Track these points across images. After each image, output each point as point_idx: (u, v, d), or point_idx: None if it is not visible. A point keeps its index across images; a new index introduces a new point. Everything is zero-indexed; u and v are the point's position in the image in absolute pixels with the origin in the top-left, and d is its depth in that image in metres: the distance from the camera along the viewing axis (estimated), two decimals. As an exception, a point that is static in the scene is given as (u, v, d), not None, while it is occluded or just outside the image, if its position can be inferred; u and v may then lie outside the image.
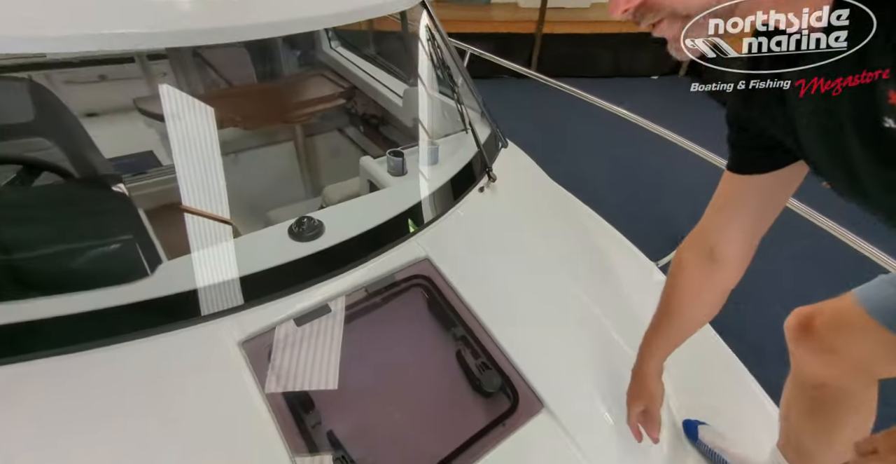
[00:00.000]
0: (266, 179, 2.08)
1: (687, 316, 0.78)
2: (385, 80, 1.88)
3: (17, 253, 0.88)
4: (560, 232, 1.29)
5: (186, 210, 1.11)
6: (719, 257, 0.70)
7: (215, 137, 1.31)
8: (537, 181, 1.48)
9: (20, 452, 0.69)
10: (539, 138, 3.54)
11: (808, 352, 0.77)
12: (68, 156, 1.51)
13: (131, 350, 0.81)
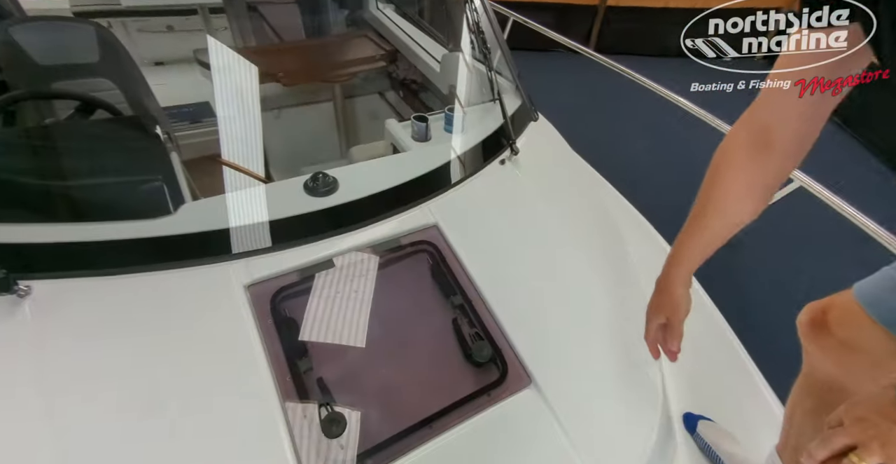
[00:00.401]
0: (303, 137, 2.14)
1: (728, 212, 0.68)
2: (426, 44, 1.85)
3: (60, 180, 0.97)
4: (578, 212, 1.25)
5: (221, 160, 1.17)
6: (774, 141, 0.61)
7: (257, 91, 1.35)
8: (563, 158, 1.43)
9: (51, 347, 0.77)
10: (583, 118, 3.38)
11: (820, 349, 0.72)
12: (126, 98, 1.62)
13: (147, 280, 0.87)
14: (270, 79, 1.80)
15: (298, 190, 1.04)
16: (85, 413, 0.72)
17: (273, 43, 2.23)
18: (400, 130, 1.30)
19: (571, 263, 1.10)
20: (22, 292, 0.79)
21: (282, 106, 2.07)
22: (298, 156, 2.12)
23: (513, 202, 1.20)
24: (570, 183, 1.36)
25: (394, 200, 1.09)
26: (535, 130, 1.42)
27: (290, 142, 2.11)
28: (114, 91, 1.65)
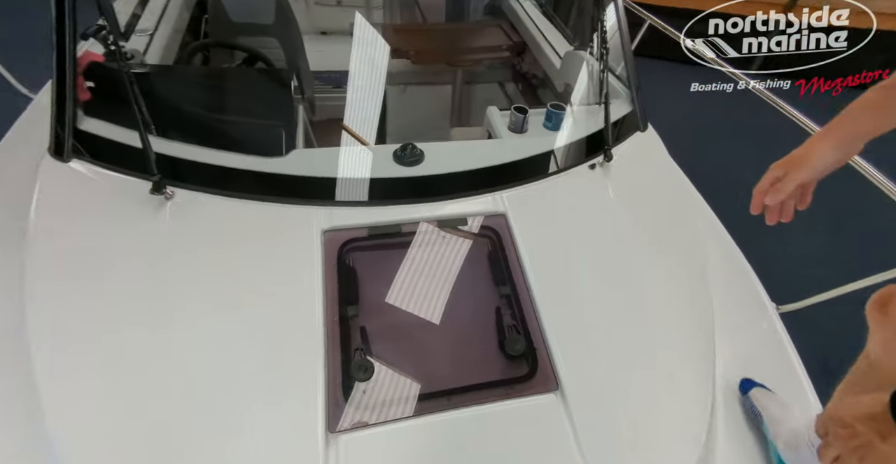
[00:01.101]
0: (419, 114, 2.27)
1: None
2: (554, 39, 1.82)
3: (211, 111, 1.18)
4: (659, 230, 1.16)
5: (342, 124, 1.33)
6: None
7: (385, 65, 1.48)
8: (661, 174, 1.32)
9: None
10: (720, 147, 3.03)
11: (875, 326, 0.71)
12: (285, 57, 1.90)
13: (250, 206, 1.03)
14: (402, 55, 1.95)
15: (388, 156, 1.13)
16: (184, 291, 0.89)
17: (415, 23, 2.39)
18: (499, 118, 1.32)
19: (637, 282, 1.04)
20: (168, 195, 0.99)
21: (408, 82, 2.22)
22: (410, 130, 2.27)
23: (590, 208, 1.16)
24: (660, 199, 1.26)
25: (469, 182, 1.12)
26: (639, 140, 1.34)
27: (407, 116, 2.26)
28: (277, 50, 1.94)
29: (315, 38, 2.72)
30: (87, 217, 0.97)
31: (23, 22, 1.87)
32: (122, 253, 0.93)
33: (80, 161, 1.02)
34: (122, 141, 1.03)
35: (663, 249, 1.12)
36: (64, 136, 1.01)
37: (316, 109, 1.96)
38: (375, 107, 1.41)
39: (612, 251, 1.09)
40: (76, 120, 1.03)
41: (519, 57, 2.03)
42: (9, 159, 1.17)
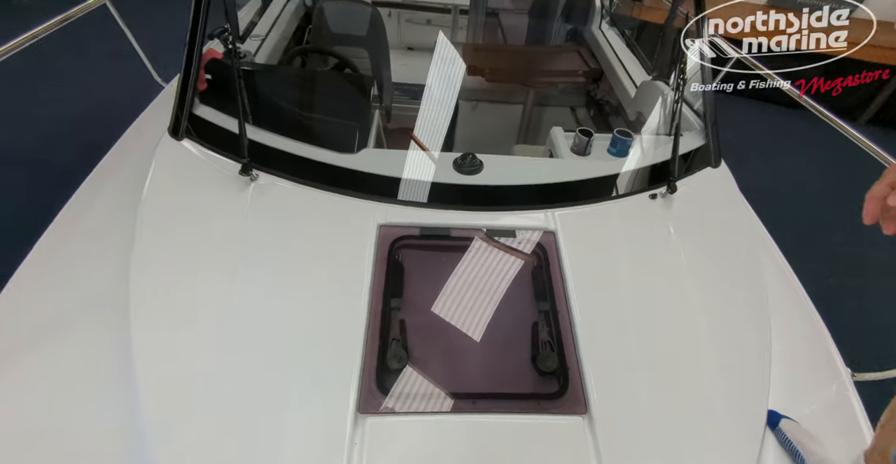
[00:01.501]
0: (488, 130, 2.34)
1: None
2: (632, 67, 1.82)
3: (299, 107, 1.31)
4: (723, 275, 1.11)
5: (412, 133, 1.42)
6: None
7: (460, 81, 1.57)
8: (728, 211, 1.26)
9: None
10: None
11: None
12: (371, 66, 2.06)
13: (316, 195, 1.13)
14: (478, 72, 2.03)
15: (448, 164, 1.20)
16: (254, 262, 1.00)
17: (495, 43, 2.48)
18: (562, 139, 1.34)
19: (686, 318, 1.00)
20: (253, 177, 1.11)
21: (480, 99, 2.31)
22: (477, 142, 2.34)
23: (645, 237, 1.14)
24: (725, 239, 1.20)
25: (523, 196, 1.15)
26: (709, 175, 1.29)
27: (475, 130, 2.34)
28: (365, 60, 2.11)
29: (402, 53, 2.92)
30: (188, 187, 1.12)
31: (166, 23, 2.20)
32: (210, 221, 1.06)
33: (190, 141, 1.18)
34: (224, 126, 1.18)
35: (723, 290, 1.07)
36: (181, 119, 1.17)
37: (391, 117, 2.10)
38: (445, 119, 1.49)
39: (663, 283, 1.06)
40: (192, 106, 1.20)
41: (594, 83, 2.04)
42: (138, 136, 1.39)
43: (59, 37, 1.32)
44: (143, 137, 1.34)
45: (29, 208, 2.30)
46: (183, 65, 1.19)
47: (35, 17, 3.56)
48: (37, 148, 2.73)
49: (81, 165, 1.32)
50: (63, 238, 1.11)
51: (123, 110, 1.62)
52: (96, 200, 1.20)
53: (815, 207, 2.94)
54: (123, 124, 1.49)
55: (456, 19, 2.81)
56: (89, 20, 1.49)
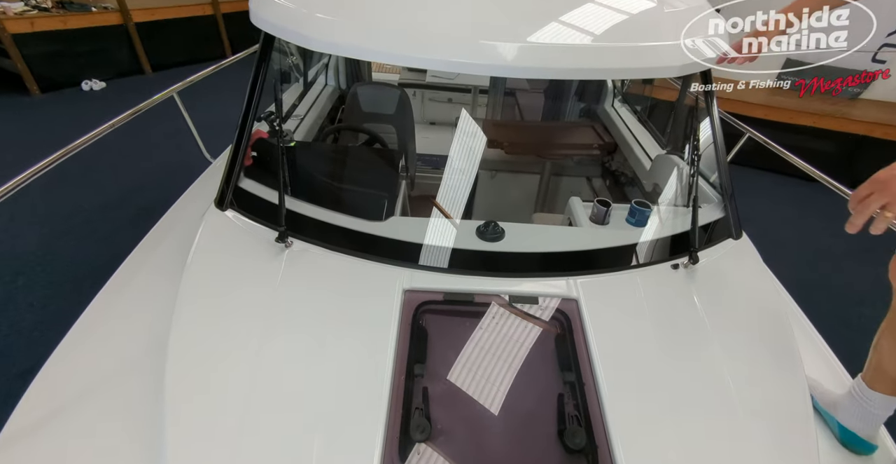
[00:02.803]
0: (506, 198, 2.44)
1: None
2: (645, 141, 1.91)
3: (331, 179, 1.41)
4: (753, 349, 1.07)
5: (434, 201, 1.50)
6: None
7: (481, 153, 1.68)
8: (753, 284, 1.25)
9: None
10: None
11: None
12: (398, 141, 2.23)
13: (346, 261, 1.17)
14: (497, 145, 2.17)
15: (472, 231, 1.24)
16: (284, 326, 1.02)
17: (513, 119, 2.67)
18: (581, 208, 1.39)
19: (719, 392, 0.96)
20: (288, 244, 1.17)
21: (499, 169, 2.44)
22: (497, 211, 2.42)
23: (669, 307, 1.13)
24: (751, 307, 1.18)
25: (545, 263, 1.17)
26: (731, 247, 1.30)
27: (494, 198, 2.44)
28: (393, 135, 2.29)
29: (425, 127, 3.16)
30: (229, 254, 1.19)
31: (216, 107, 2.49)
32: (247, 287, 1.11)
33: (233, 211, 1.27)
34: (265, 198, 1.28)
35: (755, 361, 1.04)
36: (227, 191, 1.28)
37: (415, 186, 2.22)
38: (466, 188, 1.58)
39: (691, 355, 1.03)
40: (238, 180, 1.31)
41: (609, 155, 2.14)
42: (185, 207, 1.51)
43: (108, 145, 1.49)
44: (190, 207, 1.45)
45: (83, 269, 2.48)
46: (233, 144, 1.33)
47: (101, 103, 4.12)
48: (93, 215, 2.95)
49: (132, 228, 1.43)
50: (111, 303, 1.18)
51: (173, 181, 1.78)
52: (145, 266, 1.29)
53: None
54: (172, 193, 1.63)
55: (476, 98, 3.07)
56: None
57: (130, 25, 4.87)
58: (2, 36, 4.00)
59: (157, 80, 5.10)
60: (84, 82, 4.63)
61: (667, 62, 1.15)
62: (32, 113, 4.14)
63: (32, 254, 2.60)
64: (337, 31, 1.12)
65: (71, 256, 2.61)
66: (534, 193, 2.38)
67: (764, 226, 3.07)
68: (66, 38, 4.43)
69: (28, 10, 4.24)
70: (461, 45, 1.10)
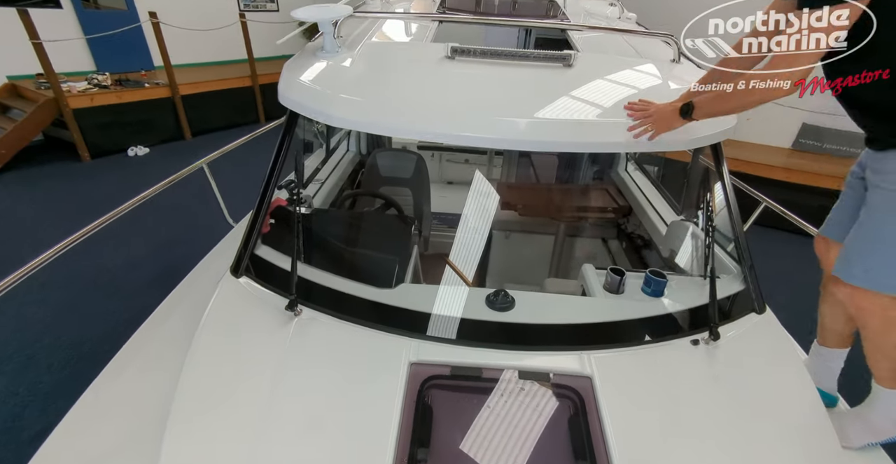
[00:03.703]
0: (521, 259, 2.42)
1: None
2: (660, 206, 1.91)
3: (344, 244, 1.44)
4: (783, 438, 0.98)
5: (448, 261, 1.51)
6: None
7: (493, 213, 1.71)
8: (784, 367, 1.16)
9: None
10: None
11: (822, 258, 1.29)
12: (413, 202, 2.29)
13: (351, 331, 1.16)
14: (511, 207, 2.20)
15: (481, 300, 1.22)
16: (289, 395, 1.00)
17: (528, 181, 2.73)
18: (594, 276, 1.36)
19: None
20: (297, 313, 1.17)
21: (513, 230, 2.45)
22: (510, 272, 2.40)
23: (691, 389, 1.05)
24: (779, 393, 1.09)
25: (557, 336, 1.13)
26: (755, 322, 1.23)
27: (508, 259, 2.42)
28: (409, 198, 2.36)
29: (442, 186, 3.25)
30: (240, 322, 1.20)
31: (246, 169, 2.65)
32: (253, 355, 1.10)
33: (248, 277, 1.30)
34: (279, 265, 1.31)
35: (783, 456, 0.93)
36: (242, 260, 1.32)
37: (430, 244, 2.24)
38: (479, 248, 1.58)
39: (717, 444, 0.94)
40: (255, 247, 1.35)
41: (624, 218, 2.13)
42: (203, 273, 1.55)
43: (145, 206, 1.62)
44: (206, 275, 1.49)
45: (104, 329, 2.54)
46: (253, 213, 1.39)
47: (144, 168, 4.43)
48: (119, 273, 3.07)
49: (157, 286, 1.48)
50: (120, 374, 1.19)
51: (200, 239, 1.86)
52: (157, 335, 1.31)
53: None
54: (197, 250, 1.70)
55: (491, 159, 3.17)
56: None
57: (177, 98, 5.37)
58: (64, 111, 4.46)
59: (196, 145, 5.51)
60: (130, 148, 5.04)
61: (676, 136, 1.17)
62: (81, 178, 4.49)
63: (59, 314, 2.68)
64: (359, 111, 1.20)
65: (93, 315, 2.68)
66: (548, 255, 2.36)
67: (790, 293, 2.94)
68: (119, 111, 4.90)
69: (90, 87, 4.76)
70: (474, 122, 1.16)
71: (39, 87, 4.57)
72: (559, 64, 1.39)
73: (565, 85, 1.31)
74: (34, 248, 1.32)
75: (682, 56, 1.53)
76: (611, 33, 1.77)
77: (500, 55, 1.41)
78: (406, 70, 1.41)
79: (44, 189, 4.20)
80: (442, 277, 1.52)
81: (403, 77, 1.36)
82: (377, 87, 1.29)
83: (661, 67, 1.44)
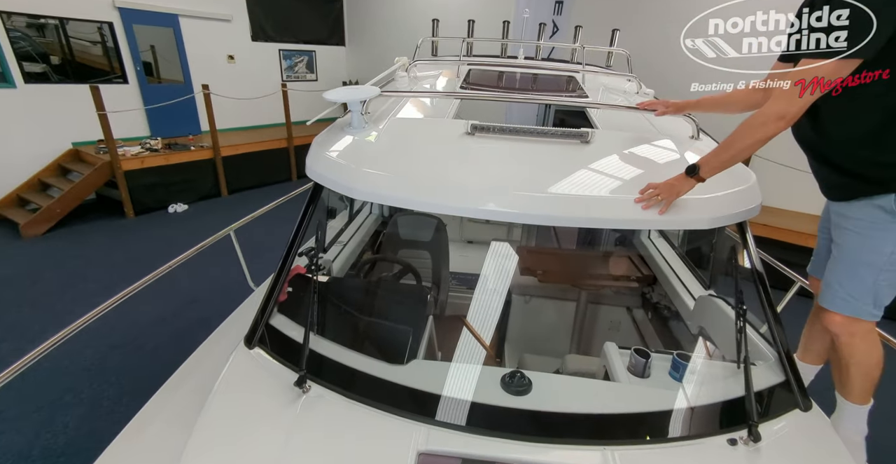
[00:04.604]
0: (541, 326, 2.33)
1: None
2: (686, 278, 1.83)
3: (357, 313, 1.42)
4: None
5: (466, 323, 1.47)
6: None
7: (510, 277, 1.68)
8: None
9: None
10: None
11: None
12: (431, 265, 2.29)
13: (359, 412, 1.11)
14: (531, 273, 2.16)
15: (496, 380, 1.16)
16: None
17: (548, 245, 2.70)
18: (617, 356, 1.28)
19: None
20: (305, 390, 1.14)
21: (533, 295, 2.38)
22: (529, 340, 2.30)
23: None
24: None
25: (577, 427, 1.04)
26: (800, 421, 1.11)
27: (528, 326, 2.34)
28: (428, 260, 2.37)
29: (463, 246, 3.25)
30: (249, 395, 1.17)
31: (266, 231, 2.76)
32: (259, 432, 1.07)
33: (260, 349, 1.29)
34: (292, 337, 1.30)
35: None
36: (256, 330, 1.32)
37: (447, 306, 2.19)
38: (495, 316, 1.53)
39: None
40: (270, 317, 1.36)
41: (649, 287, 2.05)
42: (218, 341, 1.54)
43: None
44: (223, 341, 1.49)
45: (125, 387, 2.55)
46: (271, 282, 1.41)
47: (182, 224, 4.63)
48: (146, 329, 3.12)
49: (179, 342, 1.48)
50: (136, 435, 1.18)
51: (224, 297, 1.89)
52: (172, 400, 1.29)
53: None
54: (221, 308, 1.72)
55: (512, 222, 3.18)
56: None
57: (218, 159, 5.77)
58: (117, 173, 4.85)
59: (232, 202, 5.82)
60: (171, 206, 5.37)
61: (696, 214, 1.15)
62: (124, 233, 4.77)
63: (84, 370, 2.71)
64: (380, 185, 1.24)
65: (116, 372, 2.70)
66: (570, 322, 2.27)
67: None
68: (165, 172, 5.29)
69: (142, 151, 5.20)
70: (491, 198, 1.18)
71: (99, 151, 5.02)
72: (577, 141, 1.42)
73: (583, 161, 1.33)
74: (76, 300, 1.39)
75: (700, 132, 1.54)
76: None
77: (518, 132, 1.46)
78: (427, 146, 1.47)
79: (91, 244, 4.47)
80: (456, 349, 1.47)
81: (425, 153, 1.41)
82: (399, 162, 1.35)
83: (679, 144, 1.45)
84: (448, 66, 2.68)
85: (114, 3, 5.32)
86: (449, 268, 2.35)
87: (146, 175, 5.14)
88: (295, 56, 7.70)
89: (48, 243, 4.47)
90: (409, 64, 2.59)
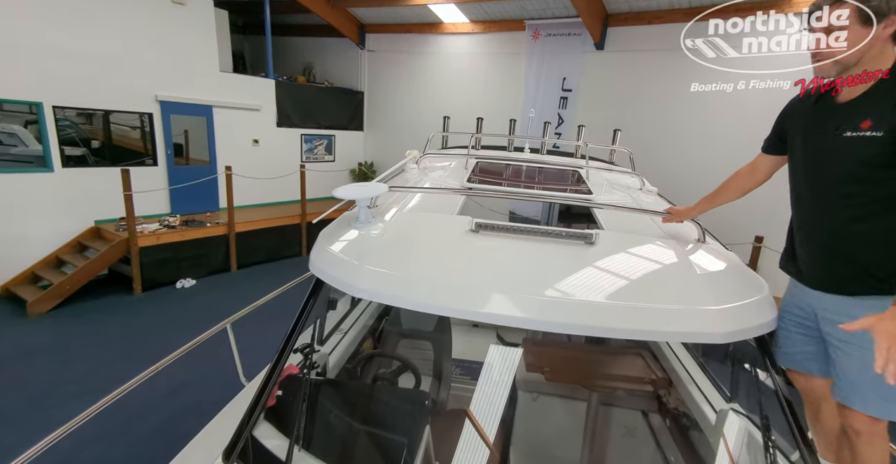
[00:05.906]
0: (550, 426, 2.14)
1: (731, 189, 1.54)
2: (704, 386, 1.71)
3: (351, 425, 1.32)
4: None
5: (471, 419, 1.34)
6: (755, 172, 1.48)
7: (514, 372, 1.57)
8: None
9: None
10: None
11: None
12: (433, 357, 2.18)
13: None
14: (537, 369, 2.03)
15: None
16: None
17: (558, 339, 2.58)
18: None
19: None
20: None
21: (541, 392, 2.22)
22: (538, 445, 2.10)
23: None
24: None
25: None
26: None
27: (536, 424, 2.14)
28: (430, 351, 2.26)
29: (466, 330, 3.12)
30: None
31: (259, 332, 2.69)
32: None
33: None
34: (274, 453, 1.19)
35: None
36: (237, 443, 1.22)
37: (449, 399, 2.04)
38: (499, 409, 1.41)
39: None
40: (253, 427, 1.26)
41: (664, 390, 1.91)
42: (201, 445, 1.42)
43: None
44: (203, 448, 1.38)
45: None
46: (261, 384, 1.34)
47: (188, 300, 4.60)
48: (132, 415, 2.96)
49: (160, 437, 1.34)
50: None
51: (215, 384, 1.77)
52: None
53: None
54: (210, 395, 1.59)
55: None
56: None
57: (232, 235, 5.93)
58: (132, 249, 4.97)
59: (240, 276, 5.85)
60: (179, 281, 5.40)
61: (709, 328, 1.10)
62: (129, 311, 4.75)
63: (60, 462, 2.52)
64: (381, 284, 1.22)
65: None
66: (580, 424, 2.08)
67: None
68: (178, 247, 5.42)
69: (160, 228, 5.38)
70: (492, 302, 1.15)
71: (118, 229, 5.21)
72: (581, 242, 1.42)
73: (587, 265, 1.31)
74: (70, 383, 1.31)
75: (706, 234, 1.54)
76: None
77: (522, 231, 1.47)
78: (431, 244, 1.48)
79: (92, 322, 4.43)
80: (458, 454, 1.33)
81: (428, 251, 1.42)
82: (401, 261, 1.34)
83: (685, 247, 1.45)
84: (456, 159, 2.81)
85: (156, 97, 5.91)
86: (451, 358, 2.24)
87: (160, 251, 5.25)
88: (315, 139, 8.28)
89: (52, 321, 4.45)
90: (420, 156, 2.73)
